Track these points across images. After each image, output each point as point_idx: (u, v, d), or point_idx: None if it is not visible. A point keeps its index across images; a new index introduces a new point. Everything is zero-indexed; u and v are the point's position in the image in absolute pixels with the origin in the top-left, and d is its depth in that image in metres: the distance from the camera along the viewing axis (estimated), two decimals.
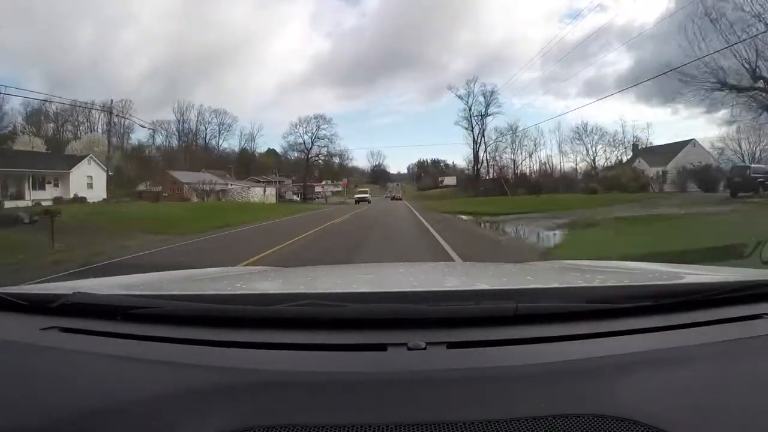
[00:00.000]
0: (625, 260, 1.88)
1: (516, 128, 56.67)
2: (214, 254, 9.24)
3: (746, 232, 7.56)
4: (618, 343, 0.80)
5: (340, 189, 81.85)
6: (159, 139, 61.94)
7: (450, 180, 73.21)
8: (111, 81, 68.16)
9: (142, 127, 55.69)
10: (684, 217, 12.81)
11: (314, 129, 63.71)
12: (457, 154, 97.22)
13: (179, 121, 64.36)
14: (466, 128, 61.30)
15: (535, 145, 58.19)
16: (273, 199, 51.44)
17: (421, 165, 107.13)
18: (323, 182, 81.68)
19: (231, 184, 48.70)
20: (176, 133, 64.51)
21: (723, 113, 32.91)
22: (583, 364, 0.73)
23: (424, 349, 0.77)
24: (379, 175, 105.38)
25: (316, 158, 65.27)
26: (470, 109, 60.10)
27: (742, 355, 0.78)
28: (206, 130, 68.58)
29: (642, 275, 1.38)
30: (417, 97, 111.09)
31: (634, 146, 48.20)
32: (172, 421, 0.65)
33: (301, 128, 63.84)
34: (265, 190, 51.80)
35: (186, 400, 0.68)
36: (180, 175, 45.06)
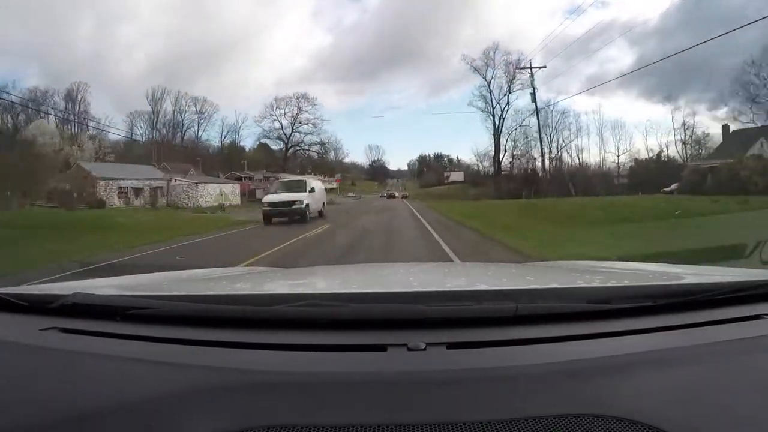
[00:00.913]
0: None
1: (554, 104, 43.96)
2: None
3: None
4: (618, 344, 0.79)
5: (334, 186, 76.14)
6: (138, 132, 55.88)
7: (457, 175, 63.05)
8: (103, 72, 65.90)
9: (76, 120, 44.86)
10: None
11: (294, 111, 51.35)
12: (463, 147, 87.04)
13: (153, 111, 57.12)
14: (482, 110, 49.21)
15: (573, 132, 45.73)
16: (236, 199, 38.94)
17: (422, 160, 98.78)
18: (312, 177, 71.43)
19: (176, 180, 36.36)
20: (151, 123, 57.60)
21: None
22: (583, 364, 0.73)
23: (424, 349, 0.77)
24: (378, 171, 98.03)
25: (298, 147, 52.74)
26: (490, 84, 47.83)
27: (743, 355, 0.78)
28: (183, 119, 58.51)
29: (642, 275, 1.36)
30: (418, 93, 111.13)
31: (725, 127, 35.92)
32: (171, 422, 0.65)
33: (278, 110, 51.51)
34: (219, 188, 38.86)
35: (185, 400, 0.68)
36: (100, 169, 32.69)
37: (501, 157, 48.21)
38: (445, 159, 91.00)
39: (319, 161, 64.71)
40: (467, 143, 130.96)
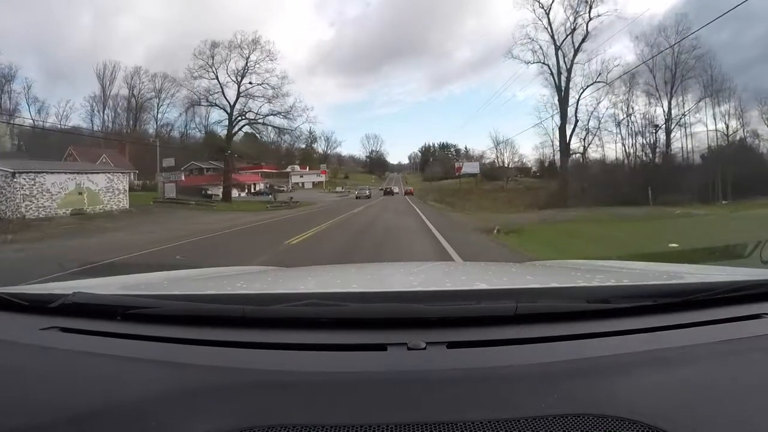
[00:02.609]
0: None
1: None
2: None
3: None
4: (618, 343, 0.80)
5: (322, 179, 64.88)
6: (99, 120, 46.65)
7: (471, 167, 49.08)
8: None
9: None
10: None
11: (242, 66, 34.41)
12: (470, 137, 73.44)
13: (103, 91, 46.41)
14: (530, 62, 32.94)
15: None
16: (122, 200, 22.71)
17: (426, 150, 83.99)
18: (289, 168, 56.80)
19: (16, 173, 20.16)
20: (121, 107, 47.00)
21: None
22: (583, 363, 0.73)
23: (424, 349, 0.77)
24: (375, 164, 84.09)
25: (246, 119, 35.52)
26: (548, 13, 31.67)
27: (742, 354, 0.78)
28: (137, 97, 47.42)
29: (642, 275, 1.36)
30: (419, 87, 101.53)
31: None
32: (171, 421, 0.65)
33: (218, 60, 33.91)
34: (75, 182, 21.73)
35: (186, 400, 0.68)
36: None
37: (572, 129, 30.70)
38: (453, 149, 75.86)
39: (307, 149, 49.62)
40: (475, 132, 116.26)
